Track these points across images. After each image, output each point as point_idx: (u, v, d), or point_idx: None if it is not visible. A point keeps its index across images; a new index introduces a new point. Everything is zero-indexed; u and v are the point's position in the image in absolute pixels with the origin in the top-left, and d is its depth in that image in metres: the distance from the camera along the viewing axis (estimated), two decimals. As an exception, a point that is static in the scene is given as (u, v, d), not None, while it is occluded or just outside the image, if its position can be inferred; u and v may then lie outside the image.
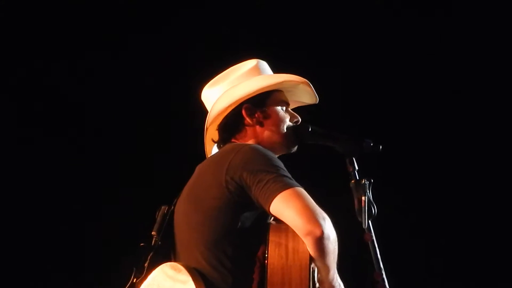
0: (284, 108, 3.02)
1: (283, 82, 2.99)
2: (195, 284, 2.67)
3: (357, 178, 2.75)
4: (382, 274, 2.70)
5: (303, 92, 3.08)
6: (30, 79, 5.15)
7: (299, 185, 2.69)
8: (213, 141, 3.02)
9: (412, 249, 5.25)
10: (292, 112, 3.05)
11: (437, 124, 5.43)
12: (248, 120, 2.96)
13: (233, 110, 2.95)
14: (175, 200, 2.94)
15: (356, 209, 2.71)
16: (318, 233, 2.60)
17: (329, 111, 4.19)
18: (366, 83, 5.31)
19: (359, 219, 2.70)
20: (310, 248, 2.63)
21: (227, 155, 2.78)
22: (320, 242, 2.61)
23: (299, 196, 2.64)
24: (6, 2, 5.03)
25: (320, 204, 2.68)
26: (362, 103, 5.26)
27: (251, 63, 3.07)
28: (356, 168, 2.78)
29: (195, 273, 2.70)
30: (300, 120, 3.03)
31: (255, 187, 2.68)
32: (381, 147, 2.85)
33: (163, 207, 2.93)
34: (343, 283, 2.84)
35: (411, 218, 5.31)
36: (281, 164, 2.76)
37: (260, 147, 2.84)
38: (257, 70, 3.04)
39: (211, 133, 3.01)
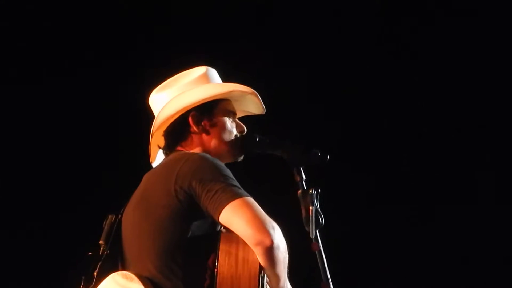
0: (231, 116, 3.01)
1: (231, 91, 2.99)
2: None
3: (305, 188, 2.76)
4: (330, 284, 2.71)
5: (250, 102, 3.07)
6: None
7: (248, 195, 2.69)
8: (159, 147, 3.01)
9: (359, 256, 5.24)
10: (239, 122, 3.04)
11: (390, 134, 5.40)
12: (194, 128, 2.95)
13: (180, 117, 2.94)
14: (122, 209, 2.93)
15: (304, 219, 2.72)
16: (267, 242, 2.60)
17: (277, 121, 4.19)
18: (315, 92, 5.28)
19: (307, 228, 2.71)
20: (260, 257, 2.63)
21: (176, 164, 2.78)
22: (270, 251, 2.62)
23: (248, 206, 2.65)
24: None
25: (269, 213, 2.68)
26: (311, 113, 5.24)
27: (200, 70, 3.06)
28: (304, 178, 2.78)
29: (147, 281, 2.70)
30: (245, 130, 3.02)
31: (204, 197, 2.68)
32: (328, 156, 2.84)
33: (110, 216, 2.92)
34: (294, 290, 2.86)
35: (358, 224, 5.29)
36: (230, 173, 2.76)
37: (208, 156, 2.83)
38: (205, 78, 3.03)
39: (156, 138, 3.00)
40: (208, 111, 2.97)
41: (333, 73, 5.32)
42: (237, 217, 2.63)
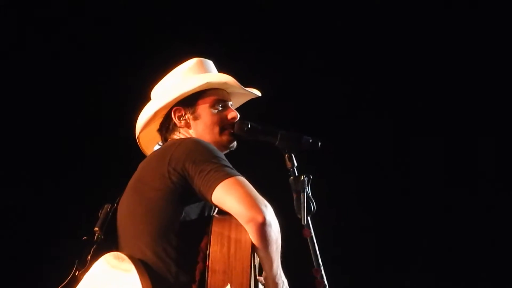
0: (220, 105, 3.03)
1: (206, 83, 3.01)
2: (138, 273, 2.69)
3: (296, 174, 2.77)
4: (321, 270, 2.72)
5: (239, 89, 3.09)
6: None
7: (240, 174, 2.73)
8: (159, 144, 3.09)
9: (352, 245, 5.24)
10: (230, 109, 3.06)
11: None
12: (178, 122, 3.02)
13: (165, 114, 3.03)
14: (118, 199, 2.97)
15: (295, 206, 2.73)
16: (260, 219, 2.64)
17: (270, 107, 4.19)
18: (308, 80, 5.27)
19: (298, 215, 2.72)
20: (252, 235, 2.66)
21: (169, 148, 2.84)
22: (262, 228, 2.64)
23: (241, 184, 2.69)
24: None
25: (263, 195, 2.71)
26: (303, 100, 5.23)
27: (190, 62, 3.11)
28: (295, 164, 2.80)
29: (138, 262, 2.74)
30: (237, 117, 3.03)
31: (197, 177, 2.72)
32: (320, 143, 2.85)
33: (106, 205, 2.96)
34: (287, 279, 2.86)
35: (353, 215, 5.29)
36: (223, 155, 2.81)
37: (201, 140, 2.89)
38: (195, 69, 3.08)
39: (153, 134, 3.09)
40: (192, 103, 3.02)
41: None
42: (229, 195, 2.67)
